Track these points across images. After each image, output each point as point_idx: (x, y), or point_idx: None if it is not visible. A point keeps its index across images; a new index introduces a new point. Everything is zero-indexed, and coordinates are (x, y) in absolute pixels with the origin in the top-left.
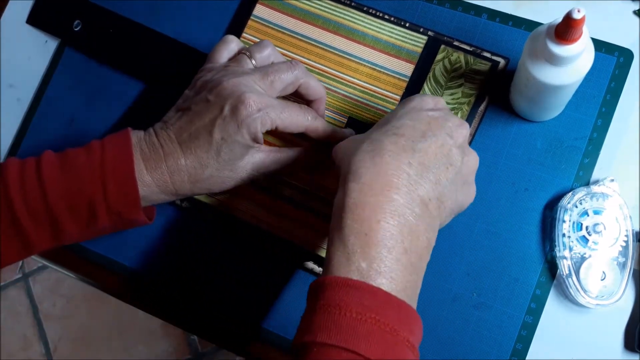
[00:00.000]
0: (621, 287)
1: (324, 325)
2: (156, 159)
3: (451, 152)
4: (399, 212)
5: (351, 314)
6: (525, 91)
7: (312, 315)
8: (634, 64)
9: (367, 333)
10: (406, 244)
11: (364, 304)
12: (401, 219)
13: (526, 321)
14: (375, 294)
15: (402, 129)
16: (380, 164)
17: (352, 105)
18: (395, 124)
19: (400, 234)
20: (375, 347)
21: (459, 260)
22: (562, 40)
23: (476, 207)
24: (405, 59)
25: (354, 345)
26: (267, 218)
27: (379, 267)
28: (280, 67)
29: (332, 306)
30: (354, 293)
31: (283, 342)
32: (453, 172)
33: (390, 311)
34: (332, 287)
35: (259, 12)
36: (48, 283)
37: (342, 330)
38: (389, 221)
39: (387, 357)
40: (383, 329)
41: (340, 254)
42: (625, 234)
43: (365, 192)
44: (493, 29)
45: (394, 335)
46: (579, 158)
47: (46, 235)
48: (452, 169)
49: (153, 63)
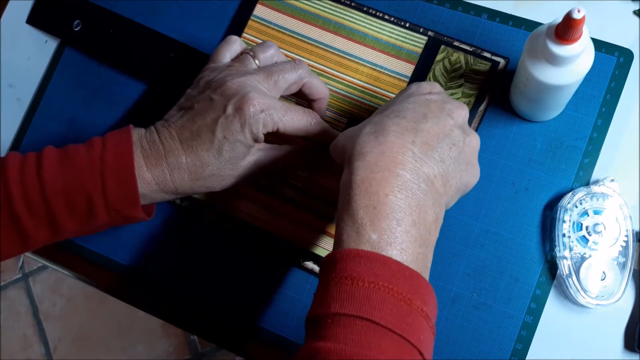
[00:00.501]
0: (621, 287)
1: (338, 296)
2: (157, 156)
3: (453, 132)
4: (406, 187)
5: (364, 283)
6: (525, 91)
7: (325, 289)
8: (634, 64)
9: (381, 301)
10: (414, 217)
11: (376, 273)
12: (408, 192)
13: (526, 321)
14: (386, 263)
15: (403, 112)
16: (385, 142)
17: (352, 105)
18: (396, 108)
19: (408, 207)
20: (389, 315)
21: (459, 260)
22: (562, 40)
23: (476, 207)
24: (405, 59)
25: (369, 313)
26: (267, 218)
27: (389, 239)
28: (284, 66)
29: (344, 277)
30: (365, 263)
31: (283, 341)
32: (456, 152)
33: (402, 280)
34: (344, 260)
35: (259, 13)
36: (48, 283)
37: (355, 300)
38: (396, 195)
39: (403, 324)
40: (397, 297)
41: (349, 228)
42: (625, 234)
43: (372, 169)
44: (493, 29)
45: (408, 303)
46: (579, 158)
47: (44, 229)
48: (455, 149)
49: (153, 63)
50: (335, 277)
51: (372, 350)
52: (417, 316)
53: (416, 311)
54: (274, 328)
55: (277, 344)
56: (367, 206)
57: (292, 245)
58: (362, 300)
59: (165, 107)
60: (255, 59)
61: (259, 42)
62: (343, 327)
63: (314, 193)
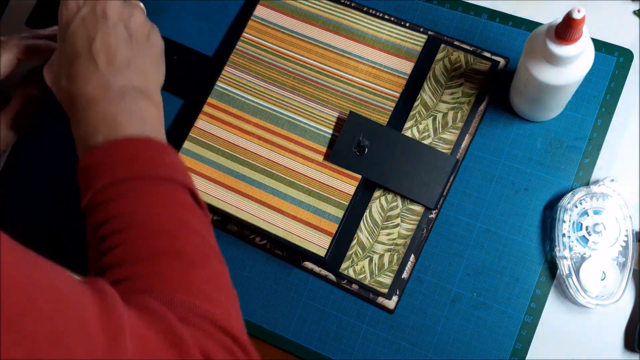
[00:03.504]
0: (621, 287)
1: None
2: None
3: (117, 31)
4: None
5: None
6: (525, 91)
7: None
8: (634, 64)
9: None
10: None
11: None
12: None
13: (526, 321)
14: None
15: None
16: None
17: (352, 102)
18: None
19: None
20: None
21: (459, 260)
22: (562, 40)
23: (476, 207)
24: (404, 57)
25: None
26: (267, 218)
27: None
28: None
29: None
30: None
31: (282, 341)
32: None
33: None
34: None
35: (259, 13)
36: None
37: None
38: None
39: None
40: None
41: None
42: (625, 234)
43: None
44: (493, 29)
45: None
46: (579, 158)
47: None
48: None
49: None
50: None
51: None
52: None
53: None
54: (274, 328)
55: (277, 344)
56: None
57: (292, 246)
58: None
59: (165, 107)
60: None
61: (259, 42)
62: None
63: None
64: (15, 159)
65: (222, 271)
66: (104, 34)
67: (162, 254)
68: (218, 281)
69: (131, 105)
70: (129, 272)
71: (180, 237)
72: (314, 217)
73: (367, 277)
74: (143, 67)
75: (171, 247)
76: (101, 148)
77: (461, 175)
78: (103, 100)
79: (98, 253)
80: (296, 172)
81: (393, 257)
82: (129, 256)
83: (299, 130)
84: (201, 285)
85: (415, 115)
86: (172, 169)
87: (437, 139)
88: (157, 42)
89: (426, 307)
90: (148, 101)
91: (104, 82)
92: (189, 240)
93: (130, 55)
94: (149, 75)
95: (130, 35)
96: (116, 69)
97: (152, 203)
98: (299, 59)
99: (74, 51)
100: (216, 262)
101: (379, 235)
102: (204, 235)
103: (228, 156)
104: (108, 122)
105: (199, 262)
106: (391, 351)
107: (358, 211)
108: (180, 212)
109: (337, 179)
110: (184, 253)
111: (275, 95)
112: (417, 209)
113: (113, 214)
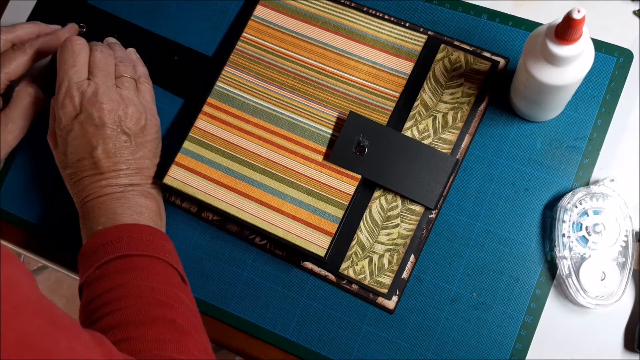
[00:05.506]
0: (621, 287)
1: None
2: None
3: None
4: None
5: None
6: (525, 91)
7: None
8: (633, 64)
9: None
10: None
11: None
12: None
13: (526, 321)
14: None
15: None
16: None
17: (352, 102)
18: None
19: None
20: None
21: (459, 260)
22: (562, 40)
23: (476, 207)
24: (404, 57)
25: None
26: (267, 217)
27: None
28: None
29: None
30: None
31: (283, 341)
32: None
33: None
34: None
35: (259, 13)
36: (48, 283)
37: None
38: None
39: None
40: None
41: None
42: (625, 234)
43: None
44: (493, 29)
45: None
46: (579, 158)
47: None
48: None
49: (153, 65)
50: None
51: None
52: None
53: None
54: (274, 328)
55: (277, 344)
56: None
57: (292, 246)
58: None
59: (165, 108)
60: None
61: (259, 42)
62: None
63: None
64: (15, 159)
65: (208, 342)
66: (104, 142)
67: (160, 320)
68: (207, 349)
69: (130, 201)
70: (129, 333)
71: (174, 309)
72: (314, 217)
73: (367, 277)
74: (142, 164)
75: (167, 315)
76: (101, 233)
77: (461, 175)
78: (106, 198)
79: (94, 319)
80: (296, 172)
81: (393, 257)
82: (130, 319)
83: (299, 130)
84: (194, 350)
85: (415, 115)
86: (166, 253)
87: (437, 139)
88: (151, 129)
89: (426, 307)
90: (147, 198)
91: (107, 183)
92: (180, 312)
93: (130, 157)
94: (148, 171)
95: (128, 136)
96: (118, 171)
97: (149, 277)
98: (299, 59)
99: (77, 153)
100: (202, 334)
101: (378, 235)
102: (193, 310)
103: (228, 156)
104: (109, 214)
105: (190, 331)
106: (391, 351)
107: (358, 211)
108: (174, 289)
109: (337, 179)
110: (177, 322)
111: (275, 95)
112: (417, 209)
113: (114, 284)
